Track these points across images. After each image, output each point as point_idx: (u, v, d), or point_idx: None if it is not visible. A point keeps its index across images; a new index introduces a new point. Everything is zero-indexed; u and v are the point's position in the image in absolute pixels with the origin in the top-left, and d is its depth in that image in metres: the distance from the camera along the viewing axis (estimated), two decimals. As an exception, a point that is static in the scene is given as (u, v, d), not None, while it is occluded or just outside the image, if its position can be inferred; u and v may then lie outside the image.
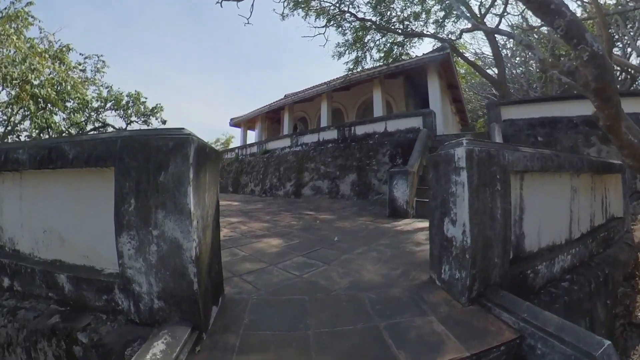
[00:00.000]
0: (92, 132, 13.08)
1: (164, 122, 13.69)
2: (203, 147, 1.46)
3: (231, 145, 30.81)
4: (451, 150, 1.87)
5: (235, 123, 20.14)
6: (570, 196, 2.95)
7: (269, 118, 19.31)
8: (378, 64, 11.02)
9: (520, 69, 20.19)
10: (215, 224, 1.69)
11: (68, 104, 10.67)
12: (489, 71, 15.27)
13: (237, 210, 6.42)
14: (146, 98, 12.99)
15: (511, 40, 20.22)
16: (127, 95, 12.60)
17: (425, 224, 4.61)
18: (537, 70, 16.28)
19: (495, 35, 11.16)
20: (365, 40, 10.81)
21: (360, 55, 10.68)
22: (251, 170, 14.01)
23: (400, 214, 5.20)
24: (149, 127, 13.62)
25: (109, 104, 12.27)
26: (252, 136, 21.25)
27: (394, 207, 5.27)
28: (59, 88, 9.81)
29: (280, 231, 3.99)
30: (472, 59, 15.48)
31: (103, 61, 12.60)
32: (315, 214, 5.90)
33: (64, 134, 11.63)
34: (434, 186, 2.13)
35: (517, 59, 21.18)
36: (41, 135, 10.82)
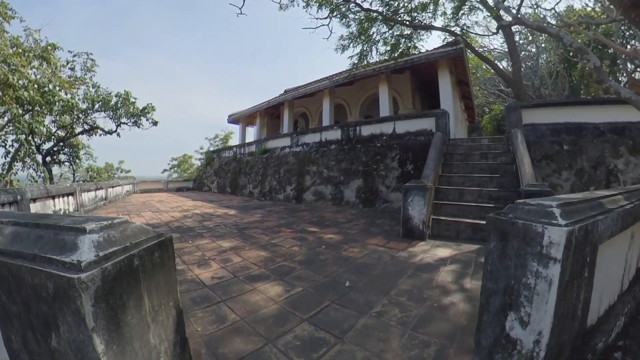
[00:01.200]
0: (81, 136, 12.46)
1: (155, 123, 12.97)
2: (125, 268, 0.83)
3: (230, 142, 30.17)
4: (537, 227, 1.26)
5: (233, 120, 19.47)
6: (628, 245, 2.40)
7: (269, 114, 18.62)
8: (384, 58, 10.31)
9: (529, 63, 19.27)
10: (180, 350, 1.11)
11: (54, 107, 10.01)
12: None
13: (232, 225, 5.87)
14: (135, 98, 12.26)
15: (517, 32, 19.26)
16: (115, 96, 11.88)
17: (446, 251, 4.06)
18: (553, 63, 15.42)
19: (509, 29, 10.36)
20: (370, 33, 10.07)
21: (365, 48, 9.95)
22: (250, 170, 13.43)
23: (415, 235, 4.64)
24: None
25: (97, 105, 11.57)
26: (251, 132, 20.63)
27: (409, 227, 4.70)
28: (45, 89, 9.14)
29: (280, 268, 3.43)
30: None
31: (92, 59, 11.87)
32: (319, 230, 5.35)
33: (52, 137, 11.03)
34: (495, 262, 1.54)
35: (524, 52, 20.21)
36: (28, 139, 10.23)
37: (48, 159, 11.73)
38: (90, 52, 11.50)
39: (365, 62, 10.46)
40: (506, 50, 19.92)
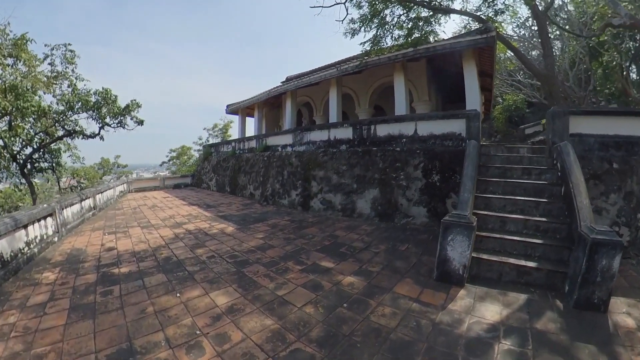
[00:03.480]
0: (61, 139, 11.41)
1: (141, 122, 11.85)
2: None
3: (230, 131, 29.05)
4: None
5: (232, 110, 18.33)
6: None
7: (269, 104, 17.48)
8: (398, 44, 9.10)
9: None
10: None
11: (28, 112, 8.96)
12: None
13: (229, 257, 5.03)
14: (116, 95, 11.11)
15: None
16: (94, 94, 10.76)
17: (493, 309, 3.17)
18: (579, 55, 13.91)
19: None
20: (384, 16, 8.84)
21: (379, 33, 8.75)
22: (250, 169, 12.51)
23: (453, 280, 3.80)
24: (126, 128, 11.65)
25: (77, 106, 10.47)
26: (250, 122, 19.51)
27: (446, 270, 3.84)
28: (17, 91, 8.06)
29: (293, 356, 2.61)
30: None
31: (72, 51, 10.70)
32: (335, 267, 4.52)
33: (34, 142, 10.04)
34: None
35: (537, 40, 18.52)
36: (8, 145, 9.28)
37: (28, 168, 10.76)
38: (69, 42, 10.34)
39: (378, 48, 9.28)
40: (518, 37, 18.34)
